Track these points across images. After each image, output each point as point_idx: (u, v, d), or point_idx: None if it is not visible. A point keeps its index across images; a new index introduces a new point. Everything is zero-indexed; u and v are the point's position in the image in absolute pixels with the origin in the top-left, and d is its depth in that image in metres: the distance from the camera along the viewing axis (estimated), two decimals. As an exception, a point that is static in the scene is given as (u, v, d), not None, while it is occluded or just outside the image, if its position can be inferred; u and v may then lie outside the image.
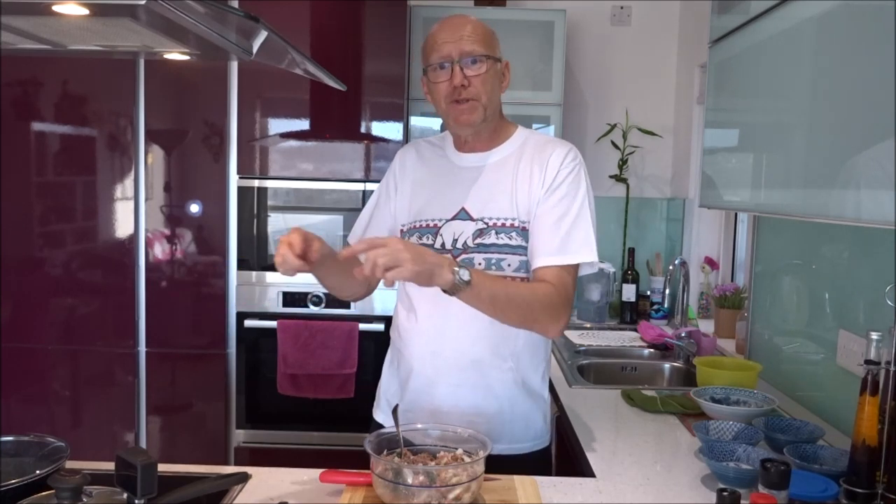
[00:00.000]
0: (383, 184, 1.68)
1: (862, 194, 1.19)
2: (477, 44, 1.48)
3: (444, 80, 1.48)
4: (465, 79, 1.47)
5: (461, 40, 1.47)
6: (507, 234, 1.51)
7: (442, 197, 1.56)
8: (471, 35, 1.48)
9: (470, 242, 1.51)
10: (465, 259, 1.50)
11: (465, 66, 1.47)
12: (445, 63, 1.48)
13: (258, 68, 2.64)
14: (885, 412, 1.26)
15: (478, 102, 1.49)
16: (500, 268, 1.50)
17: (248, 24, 1.13)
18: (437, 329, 1.53)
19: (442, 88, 1.49)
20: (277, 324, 2.82)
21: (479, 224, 1.51)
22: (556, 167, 1.50)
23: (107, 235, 2.84)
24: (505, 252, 1.50)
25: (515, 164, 1.54)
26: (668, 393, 2.00)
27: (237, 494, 1.30)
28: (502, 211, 1.51)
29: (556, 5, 3.23)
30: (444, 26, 1.51)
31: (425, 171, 1.62)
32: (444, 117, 1.55)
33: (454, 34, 1.48)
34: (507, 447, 1.54)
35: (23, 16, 1.07)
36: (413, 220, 1.58)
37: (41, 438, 1.35)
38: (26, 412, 2.87)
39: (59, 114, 2.82)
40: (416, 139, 1.72)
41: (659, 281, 3.29)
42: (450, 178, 1.57)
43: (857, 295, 1.76)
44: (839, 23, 1.30)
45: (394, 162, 1.68)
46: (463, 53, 1.47)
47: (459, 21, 1.51)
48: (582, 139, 3.52)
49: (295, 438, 2.90)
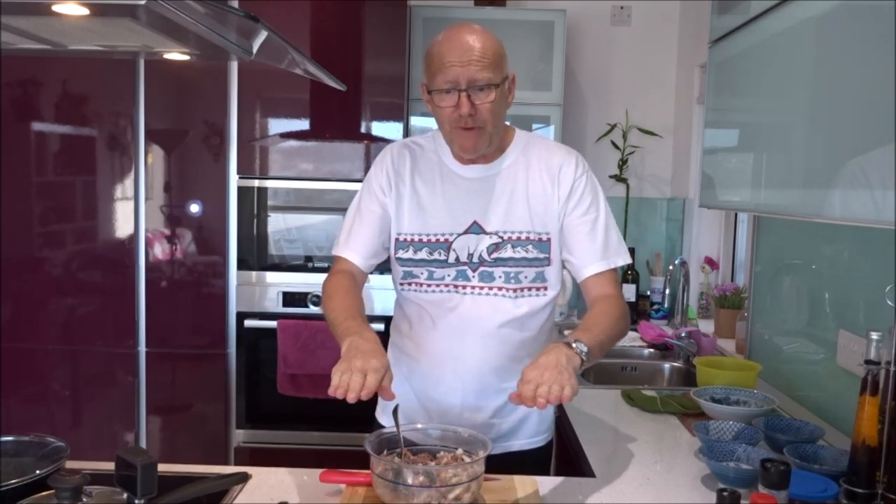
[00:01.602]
0: (372, 184, 1.58)
1: (861, 194, 1.19)
2: (486, 69, 1.40)
3: (450, 105, 1.42)
4: (473, 107, 1.41)
5: (470, 65, 1.39)
6: (524, 247, 1.52)
7: (450, 210, 1.53)
8: (480, 59, 1.39)
9: (486, 256, 1.51)
10: (483, 272, 1.51)
11: (473, 93, 1.40)
12: (452, 89, 1.41)
13: (258, 68, 2.64)
14: (885, 412, 1.26)
15: (484, 130, 1.45)
16: (518, 280, 1.52)
17: (248, 24, 1.13)
18: (458, 336, 1.53)
19: (446, 113, 1.43)
20: (277, 324, 2.82)
21: (494, 238, 1.51)
22: (570, 180, 1.52)
23: (107, 235, 2.84)
24: (522, 265, 1.52)
25: (525, 175, 1.53)
26: (668, 393, 2.00)
27: (237, 494, 1.30)
28: (518, 224, 1.51)
29: (556, 5, 3.23)
30: (452, 45, 1.41)
31: (424, 179, 1.55)
32: (447, 139, 1.51)
33: (462, 56, 1.39)
34: (526, 442, 1.59)
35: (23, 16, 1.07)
36: (418, 233, 1.54)
37: (41, 438, 1.35)
38: (26, 412, 2.87)
39: (59, 114, 2.82)
40: (402, 140, 1.65)
41: (659, 281, 3.29)
42: (455, 190, 1.54)
43: (857, 295, 1.76)
44: (839, 23, 1.30)
45: (384, 161, 1.58)
46: (471, 81, 1.40)
47: (468, 40, 1.40)
48: (582, 139, 3.52)
49: (295, 438, 2.90)
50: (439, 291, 1.53)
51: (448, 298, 1.53)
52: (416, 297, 1.56)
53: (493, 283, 1.52)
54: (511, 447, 1.57)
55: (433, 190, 1.54)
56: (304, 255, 2.90)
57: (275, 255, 2.90)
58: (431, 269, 1.53)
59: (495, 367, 1.53)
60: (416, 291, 1.55)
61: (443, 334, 1.53)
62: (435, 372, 1.55)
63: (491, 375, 1.53)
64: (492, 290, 1.52)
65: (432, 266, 1.53)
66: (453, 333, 1.53)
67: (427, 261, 1.53)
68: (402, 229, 1.55)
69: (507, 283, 1.52)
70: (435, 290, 1.53)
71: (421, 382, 1.57)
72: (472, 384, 1.53)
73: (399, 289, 1.60)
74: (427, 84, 1.46)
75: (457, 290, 1.52)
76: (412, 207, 1.55)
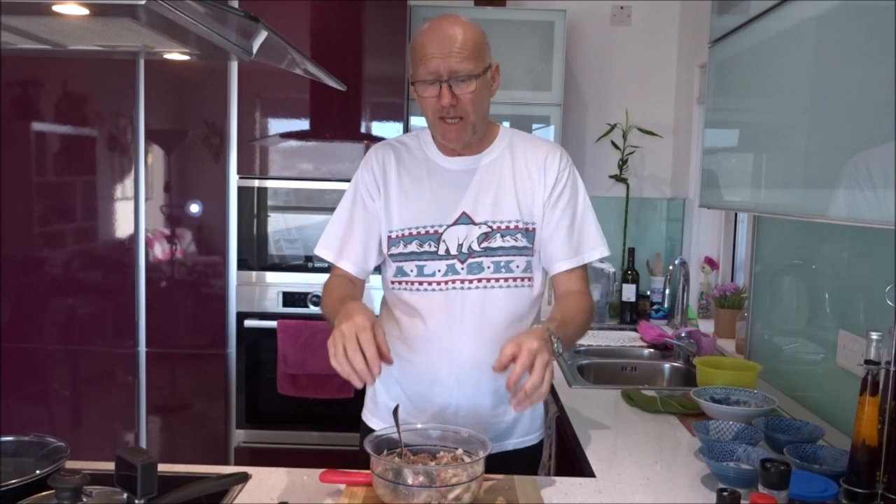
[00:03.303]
0: (359, 186, 1.58)
1: (862, 194, 1.19)
2: (466, 60, 1.41)
3: (432, 96, 1.44)
4: (454, 97, 1.43)
5: (450, 56, 1.41)
6: (513, 236, 1.53)
7: (438, 202, 1.54)
8: (460, 50, 1.41)
9: (476, 247, 1.52)
10: (472, 263, 1.52)
11: (454, 84, 1.42)
12: (434, 80, 1.43)
13: (258, 68, 2.64)
14: (885, 412, 1.26)
15: (466, 121, 1.46)
16: (509, 269, 1.53)
17: (248, 24, 1.13)
18: (453, 337, 1.53)
19: (430, 103, 1.45)
20: (277, 324, 2.82)
21: (483, 228, 1.52)
22: (555, 172, 1.55)
23: (107, 235, 2.84)
24: (512, 254, 1.53)
25: (510, 166, 1.55)
26: (668, 393, 2.00)
27: (237, 494, 1.30)
28: (506, 214, 1.53)
29: (556, 5, 3.23)
30: (433, 36, 1.44)
31: (411, 175, 1.56)
32: (432, 130, 1.53)
33: (443, 48, 1.41)
34: (520, 441, 1.61)
35: (23, 16, 1.07)
36: (407, 227, 1.54)
37: (41, 438, 1.35)
38: (26, 412, 2.87)
39: (59, 114, 2.82)
40: (384, 140, 1.65)
41: (659, 281, 3.29)
42: (441, 182, 1.55)
43: (857, 295, 1.76)
44: (839, 23, 1.30)
45: (369, 162, 1.59)
46: (452, 72, 1.41)
47: (448, 31, 1.43)
48: (582, 139, 3.52)
49: (295, 438, 2.90)
50: (430, 290, 1.53)
51: (439, 297, 1.52)
52: (407, 297, 1.55)
53: (482, 275, 1.52)
54: (506, 446, 1.58)
55: (420, 184, 1.55)
56: (304, 255, 2.90)
57: (275, 255, 2.90)
58: (421, 264, 1.53)
59: (490, 363, 1.52)
60: (406, 290, 1.55)
61: (435, 333, 1.53)
62: (430, 372, 1.55)
63: (486, 372, 1.51)
64: (481, 283, 1.52)
65: (423, 259, 1.53)
66: (446, 331, 1.53)
67: (417, 253, 1.53)
68: (393, 226, 1.56)
69: (498, 273, 1.52)
70: (427, 289, 1.53)
71: (415, 385, 1.57)
72: (468, 382, 1.53)
73: (390, 288, 1.59)
74: (412, 75, 1.49)
75: (447, 287, 1.52)
76: (401, 203, 1.55)
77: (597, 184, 3.50)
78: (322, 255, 1.60)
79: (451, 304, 1.52)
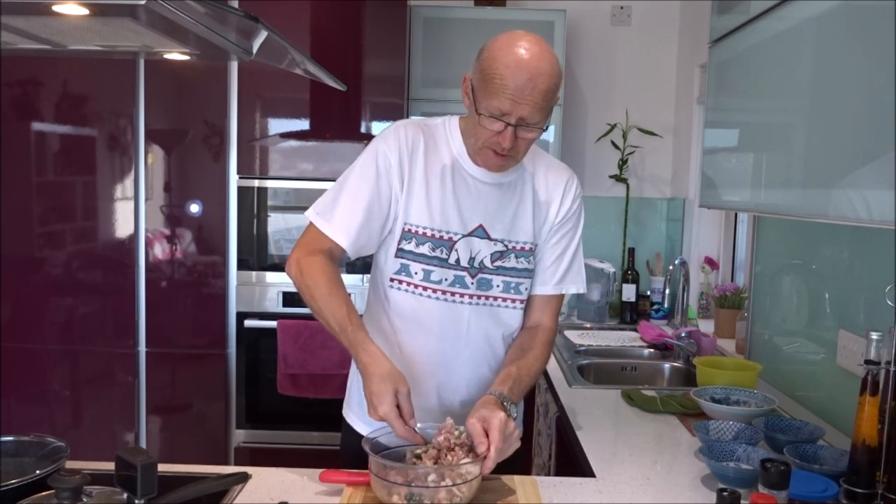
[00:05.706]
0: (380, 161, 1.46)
1: (862, 194, 1.19)
2: (540, 111, 1.36)
3: (494, 130, 1.38)
4: (515, 140, 1.38)
5: (526, 104, 1.34)
6: (526, 258, 1.53)
7: (458, 208, 1.48)
8: (540, 101, 1.35)
9: (488, 263, 1.50)
10: (482, 279, 1.50)
11: (520, 129, 1.38)
12: (500, 115, 1.36)
13: (258, 68, 2.64)
14: (885, 412, 1.26)
15: (514, 159, 1.45)
16: (519, 291, 1.54)
17: (248, 24, 1.14)
18: (453, 350, 1.51)
19: (486, 134, 1.39)
20: (277, 324, 2.82)
21: (499, 245, 1.50)
22: (571, 199, 1.57)
23: (107, 235, 2.84)
24: (523, 276, 1.54)
25: (531, 185, 1.54)
26: (668, 393, 2.00)
27: (237, 494, 1.30)
28: (522, 235, 1.52)
29: (556, 5, 3.22)
30: (517, 72, 1.33)
31: (436, 171, 1.48)
32: (474, 151, 1.46)
33: (522, 92, 1.33)
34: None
35: (23, 16, 1.07)
36: (424, 226, 1.47)
37: (41, 438, 1.35)
38: (26, 412, 2.87)
39: (59, 114, 2.82)
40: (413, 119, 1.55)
41: (659, 281, 3.29)
42: (465, 190, 1.49)
43: (857, 295, 1.76)
44: (839, 23, 1.30)
45: (397, 138, 1.47)
46: (522, 119, 1.36)
47: (533, 73, 1.34)
48: (582, 139, 3.52)
49: (295, 438, 2.90)
50: (435, 298, 1.48)
51: (441, 306, 1.48)
52: (405, 299, 1.49)
53: (491, 293, 1.51)
54: None
55: (443, 184, 1.47)
56: (304, 255, 2.90)
57: (275, 255, 2.90)
58: (429, 269, 1.47)
59: (485, 377, 1.53)
60: (408, 292, 1.48)
61: (438, 346, 1.50)
62: (427, 384, 1.51)
63: (482, 387, 1.50)
64: (489, 300, 1.51)
65: (432, 264, 1.47)
66: (450, 344, 1.50)
67: (428, 257, 1.47)
68: (411, 219, 1.47)
69: (507, 293, 1.52)
70: (431, 296, 1.48)
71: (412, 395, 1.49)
72: (468, 397, 1.51)
73: (388, 285, 1.50)
74: (476, 94, 1.39)
75: (454, 299, 1.49)
76: (420, 198, 1.47)
77: (597, 184, 3.50)
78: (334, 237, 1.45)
79: (453, 316, 1.49)
